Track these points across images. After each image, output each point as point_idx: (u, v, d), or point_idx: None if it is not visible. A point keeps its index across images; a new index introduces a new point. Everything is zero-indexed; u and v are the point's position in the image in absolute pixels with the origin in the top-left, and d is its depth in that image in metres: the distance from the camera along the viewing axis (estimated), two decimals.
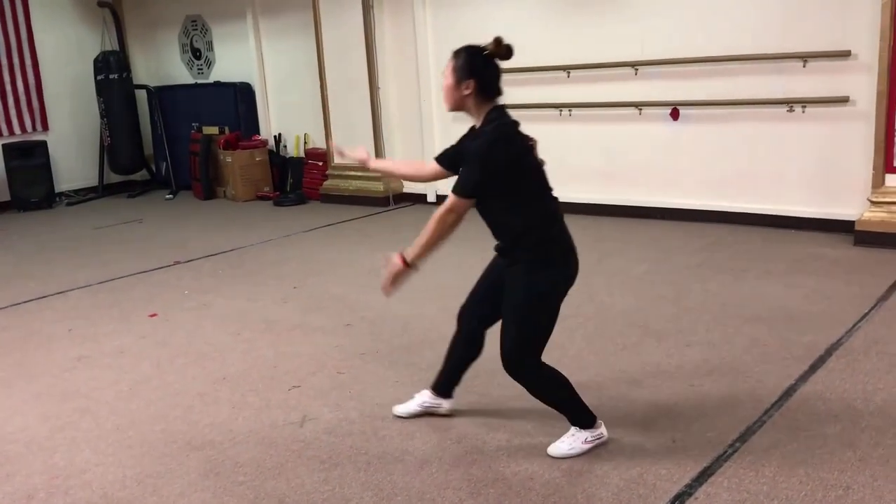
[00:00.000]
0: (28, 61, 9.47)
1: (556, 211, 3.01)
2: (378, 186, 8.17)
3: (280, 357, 4.17)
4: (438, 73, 7.67)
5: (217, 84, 9.62)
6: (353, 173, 8.34)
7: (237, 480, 2.96)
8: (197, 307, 5.13)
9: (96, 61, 9.56)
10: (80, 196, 9.85)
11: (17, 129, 9.44)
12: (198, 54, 9.96)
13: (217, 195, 9.31)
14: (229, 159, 9.00)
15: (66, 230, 8.06)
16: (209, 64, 9.87)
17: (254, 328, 4.67)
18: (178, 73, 10.20)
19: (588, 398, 3.40)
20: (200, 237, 7.29)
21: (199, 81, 9.91)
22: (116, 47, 9.89)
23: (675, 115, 6.48)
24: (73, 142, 9.96)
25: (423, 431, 3.24)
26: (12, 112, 9.36)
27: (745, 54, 6.00)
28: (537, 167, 2.92)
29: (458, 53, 2.94)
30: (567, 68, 6.89)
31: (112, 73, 9.50)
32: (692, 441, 3.02)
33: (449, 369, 3.34)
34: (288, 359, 4.13)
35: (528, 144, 2.92)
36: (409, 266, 2.93)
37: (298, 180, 8.99)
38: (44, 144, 9.47)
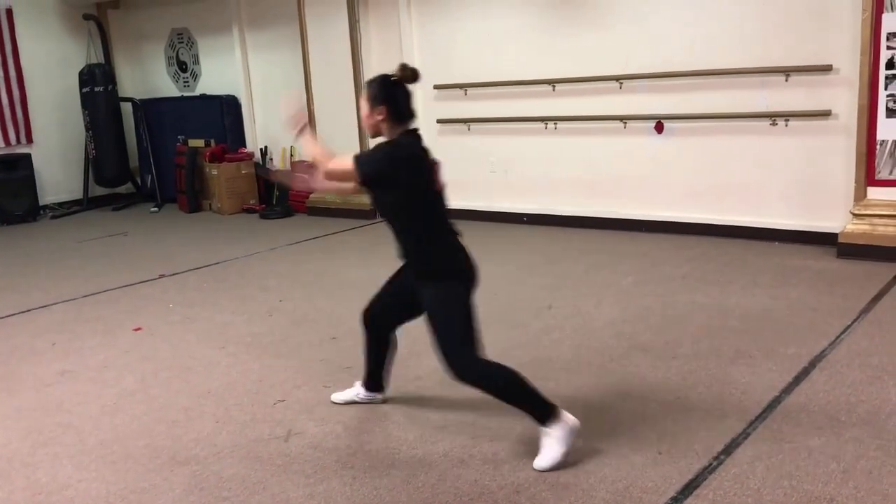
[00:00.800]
0: (13, 74, 9.44)
1: (448, 227, 3.20)
2: (364, 199, 8.14)
3: (265, 371, 4.15)
4: (425, 86, 7.73)
5: (203, 97, 9.61)
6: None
7: (222, 496, 2.94)
8: (182, 321, 5.11)
9: (81, 74, 9.53)
10: (65, 209, 9.80)
11: (0, 142, 9.39)
12: (184, 67, 9.96)
13: (203, 208, 9.28)
14: (215, 172, 8.98)
15: (51, 243, 8.01)
16: (195, 77, 9.87)
17: (239, 342, 4.65)
18: (164, 85, 10.18)
19: (574, 410, 3.40)
20: (186, 250, 7.26)
21: (185, 94, 9.90)
22: (102, 60, 9.86)
23: (659, 128, 6.53)
24: (57, 154, 9.91)
25: (409, 445, 3.23)
26: None
27: (729, 68, 6.06)
28: (435, 188, 3.16)
29: (370, 83, 3.15)
30: (552, 82, 6.93)
31: (97, 85, 9.47)
32: (678, 453, 3.03)
33: (373, 369, 3.56)
34: (273, 372, 4.12)
35: (430, 165, 3.15)
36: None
37: (285, 193, 8.98)
38: (28, 157, 9.43)
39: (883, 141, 5.40)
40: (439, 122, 7.71)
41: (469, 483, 2.92)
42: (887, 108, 5.35)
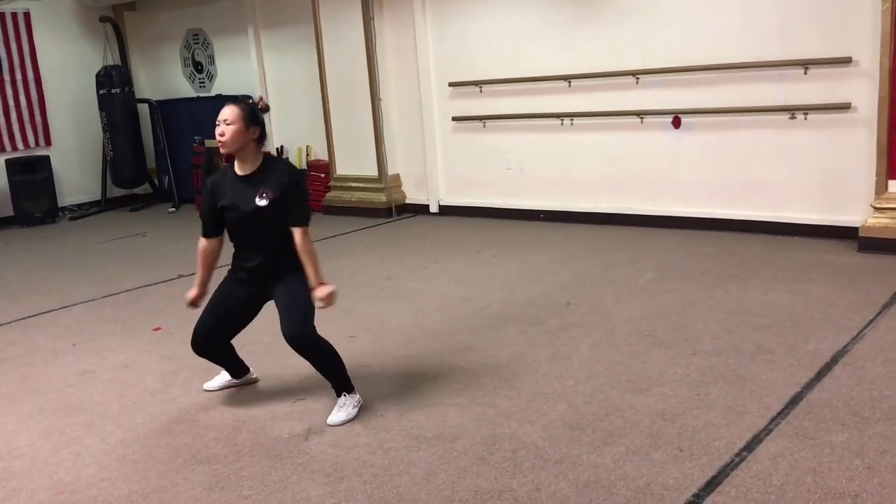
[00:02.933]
0: (31, 77, 9.53)
1: None
2: (381, 197, 8.18)
3: (284, 369, 4.16)
4: (440, 84, 7.73)
5: (219, 97, 9.64)
6: (355, 185, 8.36)
7: (242, 494, 2.95)
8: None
9: (98, 76, 9.60)
10: (83, 210, 9.88)
11: (20, 145, 9.48)
12: (199, 68, 10.00)
13: None
14: None
15: (70, 245, 8.07)
16: (211, 77, 9.91)
17: (257, 340, 4.64)
18: (180, 86, 10.24)
19: (594, 408, 3.40)
20: None
21: (201, 95, 9.95)
22: (118, 62, 9.93)
23: (676, 123, 6.49)
24: (75, 156, 9.99)
25: (429, 443, 3.23)
26: (15, 127, 9.40)
27: (746, 62, 6.02)
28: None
29: (238, 103, 3.54)
30: (568, 78, 6.90)
31: (114, 87, 9.55)
32: (699, 450, 3.01)
33: (230, 367, 3.92)
34: (292, 371, 4.12)
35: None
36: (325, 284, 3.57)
37: None
38: (46, 159, 9.51)
39: None
40: (455, 119, 7.71)
41: (489, 480, 2.91)
42: None
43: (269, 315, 3.72)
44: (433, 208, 8.07)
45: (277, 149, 9.30)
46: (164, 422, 3.64)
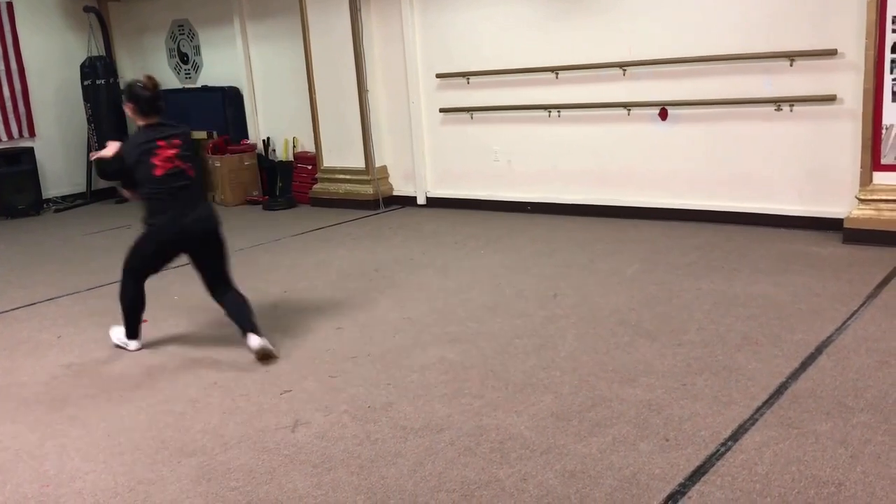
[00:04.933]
0: (14, 67, 9.43)
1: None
2: (368, 189, 8.16)
3: (270, 362, 4.15)
4: (427, 76, 7.71)
5: (205, 88, 9.59)
6: (342, 177, 8.33)
7: (230, 486, 2.94)
8: (185, 312, 5.11)
9: (83, 67, 9.52)
10: (68, 202, 9.80)
11: (3, 136, 9.40)
12: (185, 59, 9.93)
13: (206, 199, 9.25)
14: (218, 164, 8.97)
15: (55, 237, 8.01)
16: (197, 68, 9.84)
17: None
18: (166, 77, 10.14)
19: (580, 398, 3.42)
20: None
21: (187, 86, 9.88)
22: (103, 52, 9.84)
23: (663, 115, 6.50)
24: (60, 148, 9.91)
25: (415, 434, 3.23)
26: None
27: (733, 54, 6.03)
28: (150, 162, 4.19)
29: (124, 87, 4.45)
30: (555, 69, 6.90)
31: (99, 78, 9.47)
32: (685, 440, 3.03)
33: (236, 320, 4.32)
34: (279, 363, 4.12)
35: (151, 146, 4.22)
36: None
37: (288, 184, 8.97)
38: (31, 151, 9.43)
39: (889, 125, 5.37)
40: (442, 111, 7.69)
41: (476, 471, 2.92)
42: (893, 93, 5.32)
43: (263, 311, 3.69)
44: (420, 200, 8.06)
45: (264, 140, 9.27)
46: (151, 414, 3.62)
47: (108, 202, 9.79)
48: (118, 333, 4.50)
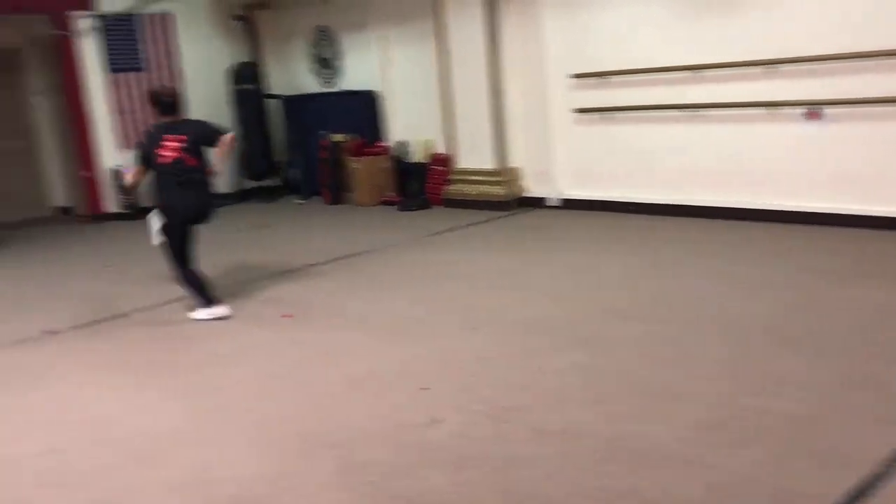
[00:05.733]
0: (172, 74, 10.06)
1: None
2: (500, 190, 8.17)
3: (407, 359, 4.22)
4: (563, 76, 7.64)
5: (344, 93, 9.89)
6: (476, 178, 8.38)
7: (368, 480, 3.01)
8: (326, 309, 5.28)
9: (233, 72, 10.03)
10: (217, 202, 10.32)
11: None
12: (326, 64, 10.28)
13: (344, 200, 9.57)
14: (356, 165, 9.23)
15: (207, 234, 8.43)
16: (337, 73, 10.17)
17: (381, 330, 4.76)
18: (308, 82, 10.56)
19: (725, 409, 3.28)
20: (329, 241, 7.51)
21: (327, 90, 10.22)
22: (250, 59, 10.34)
23: (812, 115, 6.14)
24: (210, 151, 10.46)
25: (553, 438, 3.20)
26: None
27: (891, 49, 5.62)
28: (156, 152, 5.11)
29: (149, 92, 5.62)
30: (694, 68, 6.67)
31: (247, 83, 9.95)
32: (841, 459, 2.85)
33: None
34: (415, 361, 4.18)
35: (156, 143, 5.11)
36: None
37: (421, 185, 9.12)
38: None
39: None
40: (577, 111, 7.60)
41: (616, 479, 2.85)
42: None
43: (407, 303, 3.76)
44: (553, 202, 8.00)
45: (399, 142, 9.45)
46: (295, 406, 3.76)
47: (253, 202, 10.27)
48: (202, 313, 5.17)
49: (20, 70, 10.45)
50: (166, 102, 5.23)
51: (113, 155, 9.66)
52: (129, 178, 5.21)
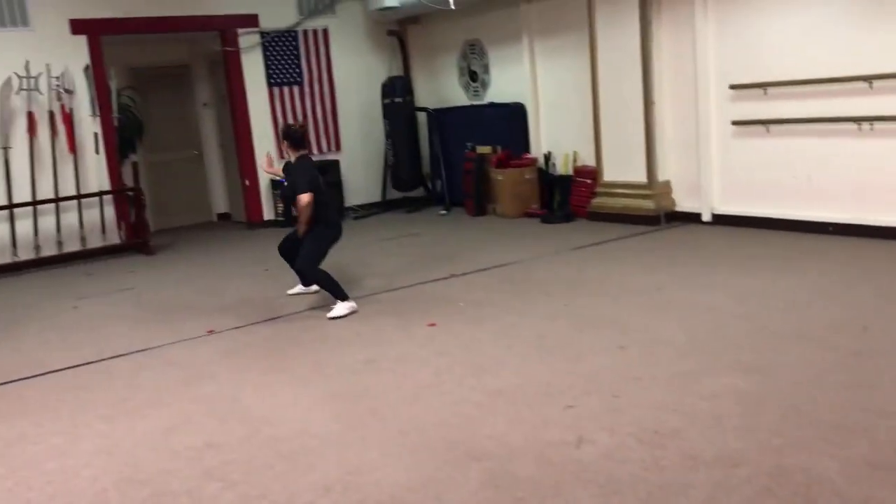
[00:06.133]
0: (326, 88, 10.49)
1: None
2: (649, 204, 7.95)
3: (553, 374, 4.16)
4: (720, 87, 7.35)
5: (491, 105, 9.94)
6: (622, 191, 8.20)
7: (516, 496, 2.97)
8: (471, 319, 5.30)
9: (384, 86, 10.32)
10: (365, 210, 10.67)
11: (314, 150, 10.45)
12: (474, 77, 10.38)
13: (487, 212, 9.61)
14: (500, 177, 9.25)
15: (354, 242, 8.70)
16: (484, 86, 10.24)
17: (526, 343, 4.72)
18: (456, 95, 10.69)
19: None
20: (472, 251, 7.55)
21: (475, 103, 10.31)
22: (401, 73, 10.59)
23: None
24: (360, 161, 10.83)
25: (707, 466, 3.05)
26: (312, 135, 10.37)
27: None
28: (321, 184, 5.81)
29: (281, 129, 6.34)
30: (869, 78, 6.23)
31: (397, 96, 10.20)
32: None
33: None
34: (561, 377, 4.11)
35: (317, 173, 5.82)
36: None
37: (566, 198, 9.02)
38: (337, 163, 10.39)
39: None
40: (735, 123, 7.29)
41: None
42: None
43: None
44: (706, 217, 7.69)
45: (544, 154, 9.40)
46: (440, 415, 3.78)
47: (398, 212, 10.51)
48: (338, 310, 5.60)
49: (190, 83, 11.20)
50: (298, 137, 5.80)
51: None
52: (305, 199, 5.56)
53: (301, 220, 5.64)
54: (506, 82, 9.85)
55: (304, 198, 5.52)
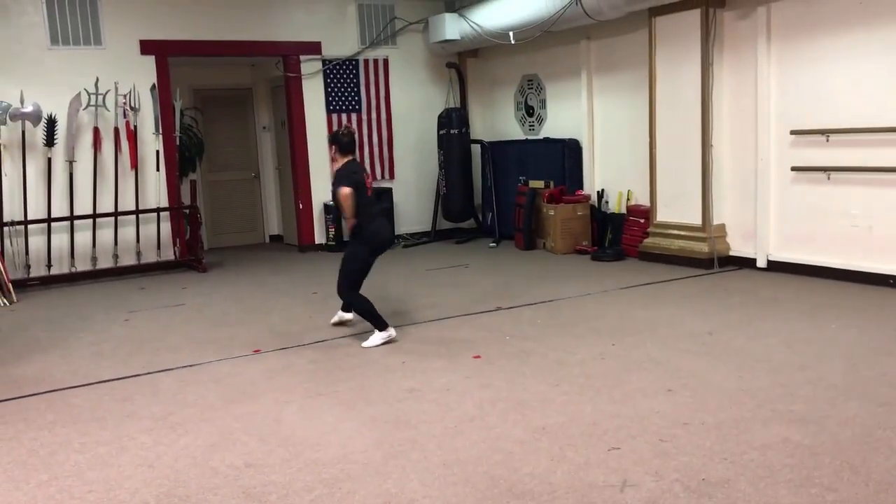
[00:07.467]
0: (384, 117, 10.61)
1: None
2: (702, 247, 7.82)
3: (599, 415, 4.08)
4: (780, 132, 7.23)
5: (546, 140, 9.95)
6: (676, 232, 8.09)
7: None
8: (517, 353, 5.25)
9: (440, 117, 10.40)
10: (415, 239, 10.71)
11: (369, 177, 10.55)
12: (531, 111, 10.40)
13: (537, 246, 9.57)
14: (552, 212, 9.22)
15: (403, 269, 8.74)
16: (540, 121, 10.26)
17: (572, 381, 4.65)
18: (511, 129, 10.73)
19: None
20: (520, 285, 7.51)
21: (530, 137, 10.33)
22: (458, 104, 10.67)
23: None
24: (413, 190, 10.90)
25: None
26: (367, 162, 10.49)
27: None
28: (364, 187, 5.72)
29: (331, 134, 6.25)
30: None
31: (453, 128, 10.27)
32: None
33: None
34: (607, 418, 4.04)
35: (362, 176, 5.75)
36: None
37: (617, 236, 8.93)
38: (390, 191, 10.47)
39: None
40: (794, 169, 7.15)
41: None
42: None
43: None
44: (760, 263, 7.54)
45: (598, 192, 9.34)
46: (482, 449, 3.73)
47: (448, 242, 10.52)
48: (375, 339, 5.60)
49: (251, 106, 11.45)
50: (347, 142, 5.74)
51: (325, 190, 10.28)
52: (345, 191, 5.49)
53: (346, 215, 5.61)
54: (562, 118, 9.85)
55: (345, 190, 5.49)
